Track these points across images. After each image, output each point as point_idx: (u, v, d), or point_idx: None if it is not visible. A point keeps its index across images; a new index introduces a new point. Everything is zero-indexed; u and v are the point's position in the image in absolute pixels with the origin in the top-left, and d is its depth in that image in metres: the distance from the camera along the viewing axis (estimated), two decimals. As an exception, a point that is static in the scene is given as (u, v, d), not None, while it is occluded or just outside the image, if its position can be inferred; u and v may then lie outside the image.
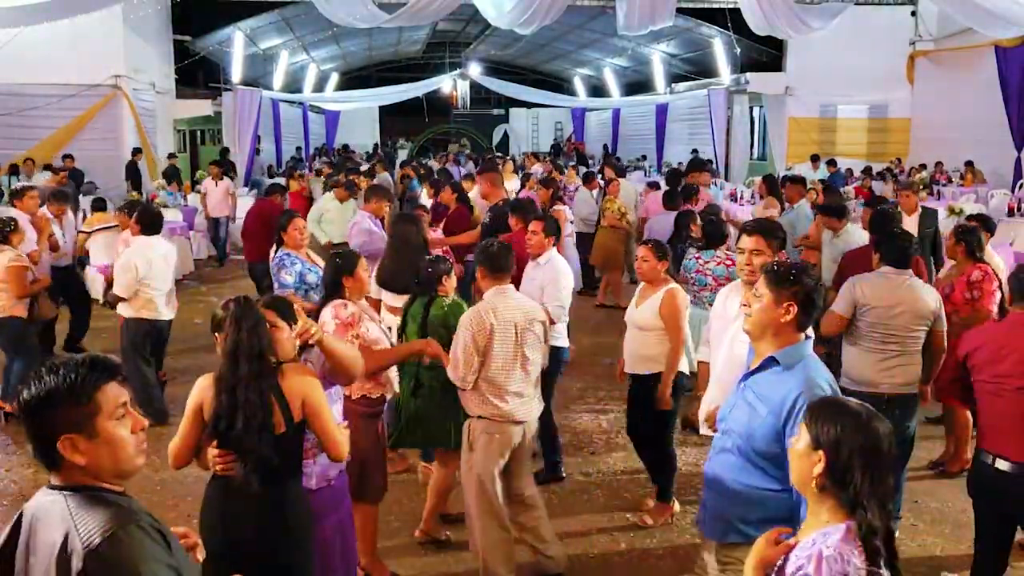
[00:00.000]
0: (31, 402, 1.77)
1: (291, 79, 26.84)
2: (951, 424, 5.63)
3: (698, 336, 5.67)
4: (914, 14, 18.32)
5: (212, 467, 2.97)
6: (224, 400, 2.86)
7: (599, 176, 12.79)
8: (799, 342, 2.76)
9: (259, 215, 8.94)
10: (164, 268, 6.42)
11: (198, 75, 22.87)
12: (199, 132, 22.19)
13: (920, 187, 10.21)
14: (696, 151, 21.15)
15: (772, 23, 13.83)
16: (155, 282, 6.31)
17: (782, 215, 8.29)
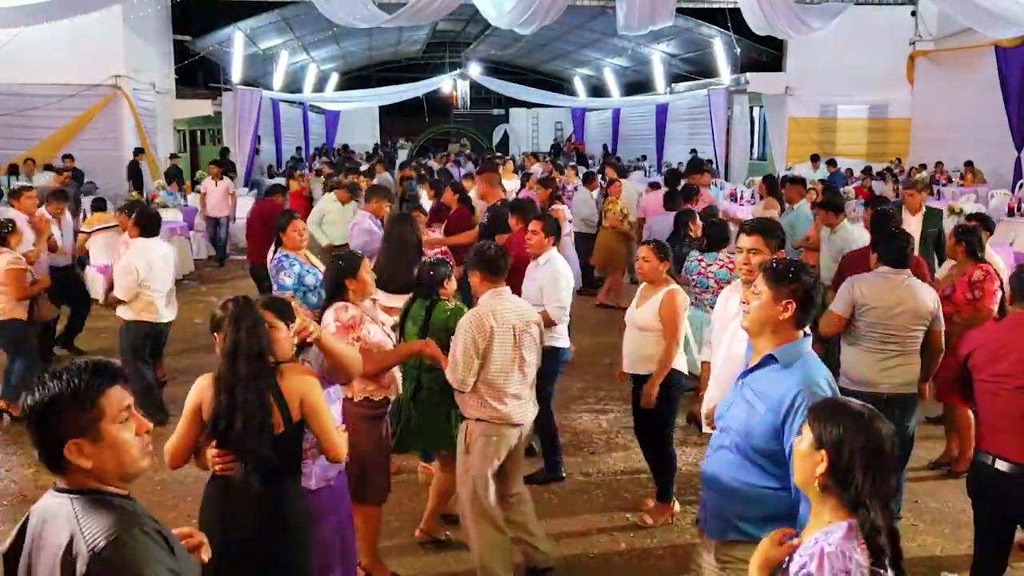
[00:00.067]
0: (36, 408, 1.79)
1: (291, 79, 26.84)
2: (951, 424, 5.63)
3: (699, 338, 5.69)
4: (914, 14, 18.32)
5: (211, 467, 2.97)
6: (223, 400, 2.86)
7: (600, 176, 12.65)
8: (798, 339, 2.76)
9: (261, 215, 8.91)
10: (164, 269, 6.42)
11: (198, 75, 22.87)
12: (199, 132, 22.17)
13: (923, 186, 10.18)
14: (695, 151, 21.15)
15: (772, 23, 13.82)
16: (155, 284, 6.31)
17: (782, 216, 8.29)
